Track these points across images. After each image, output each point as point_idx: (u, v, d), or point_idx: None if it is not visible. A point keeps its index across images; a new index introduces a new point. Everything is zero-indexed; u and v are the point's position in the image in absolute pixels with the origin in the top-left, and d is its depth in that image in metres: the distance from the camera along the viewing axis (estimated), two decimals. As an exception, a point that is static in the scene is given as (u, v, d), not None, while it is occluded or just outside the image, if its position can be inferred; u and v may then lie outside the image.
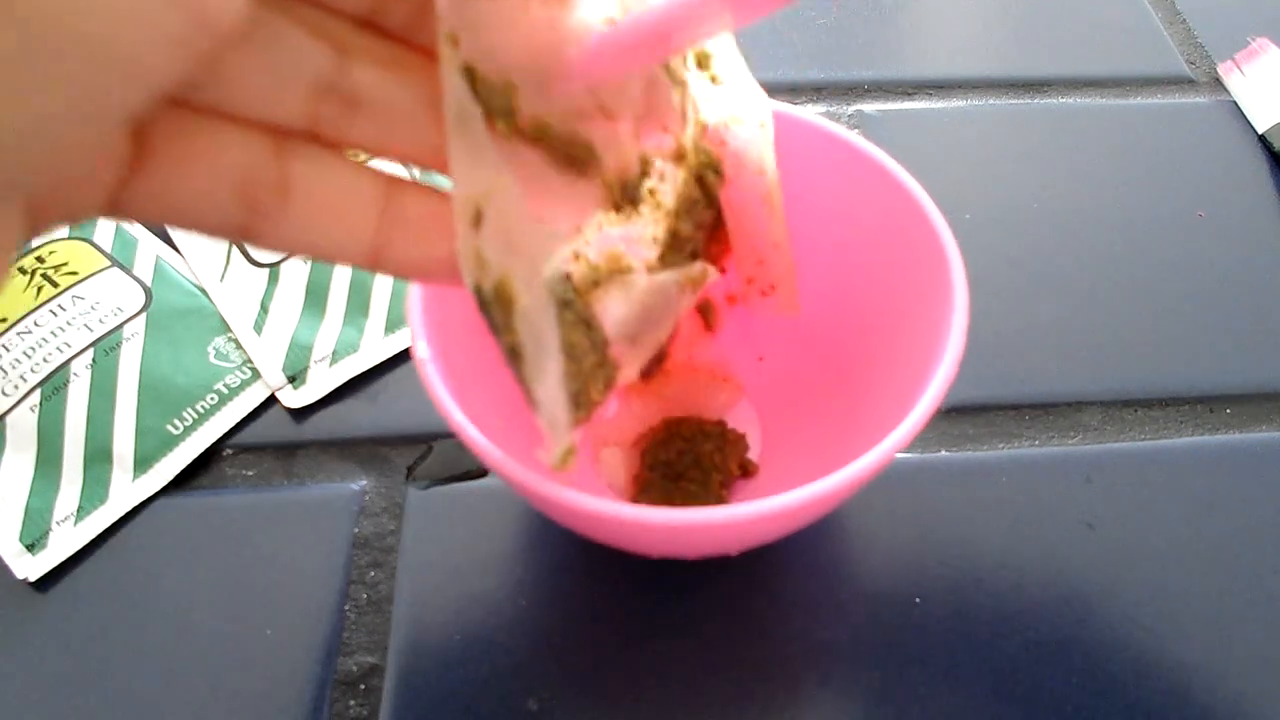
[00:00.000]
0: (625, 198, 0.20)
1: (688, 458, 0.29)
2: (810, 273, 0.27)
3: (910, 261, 0.26)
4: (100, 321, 0.33)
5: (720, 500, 0.29)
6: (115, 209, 0.15)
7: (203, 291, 0.35)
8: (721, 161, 0.23)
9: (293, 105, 0.16)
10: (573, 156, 0.19)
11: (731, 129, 0.23)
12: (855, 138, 0.27)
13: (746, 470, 0.29)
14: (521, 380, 0.19)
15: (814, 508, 0.22)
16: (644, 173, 0.21)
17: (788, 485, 0.20)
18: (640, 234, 0.21)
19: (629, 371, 0.21)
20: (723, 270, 0.24)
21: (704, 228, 0.23)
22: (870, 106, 0.43)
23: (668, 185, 0.21)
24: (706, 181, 0.22)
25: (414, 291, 0.23)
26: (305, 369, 0.33)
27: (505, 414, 0.25)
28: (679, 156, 0.21)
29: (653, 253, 0.21)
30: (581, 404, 0.20)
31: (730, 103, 0.23)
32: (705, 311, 0.29)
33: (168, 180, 0.15)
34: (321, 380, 0.33)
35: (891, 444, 0.21)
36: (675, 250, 0.22)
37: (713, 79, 0.22)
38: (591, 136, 0.19)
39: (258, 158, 0.16)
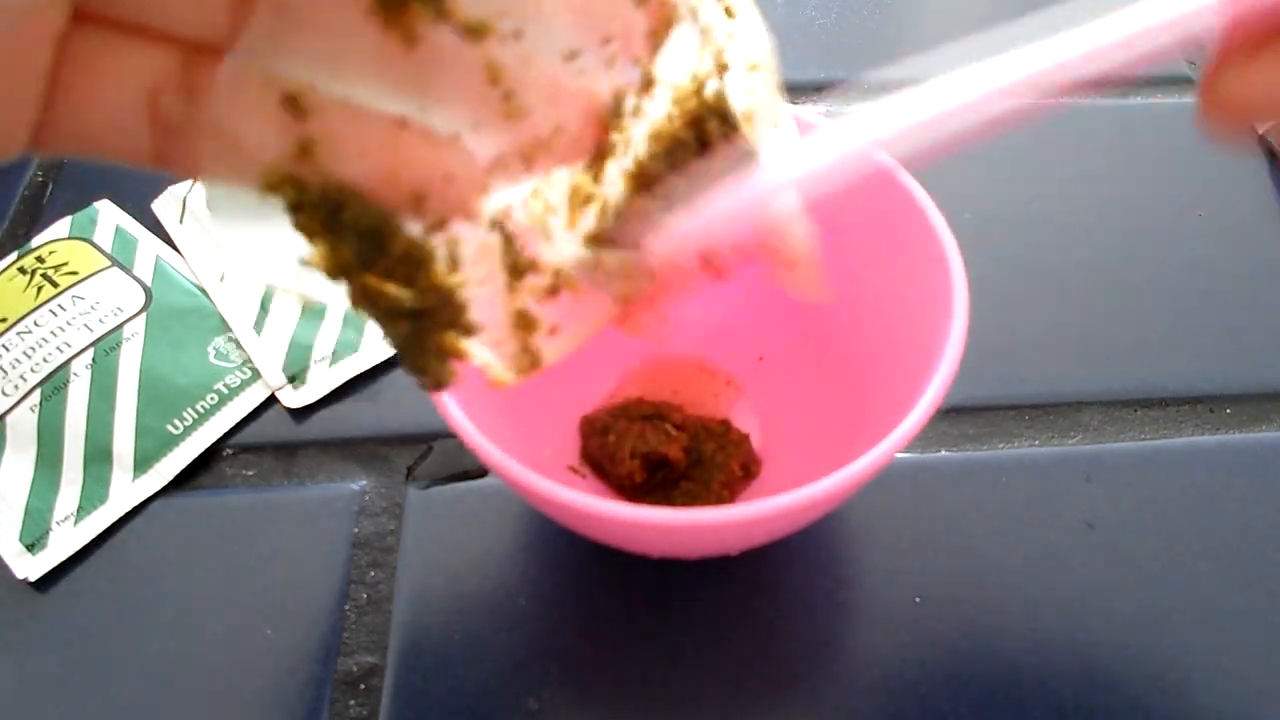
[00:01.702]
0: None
1: (690, 457, 0.29)
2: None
3: (910, 261, 0.26)
4: (100, 321, 0.33)
5: (721, 500, 0.29)
6: (35, 141, 0.14)
7: (203, 291, 0.35)
8: (732, 111, 0.20)
9: (215, 14, 0.15)
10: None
11: (746, 78, 0.20)
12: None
13: (749, 470, 0.29)
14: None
15: (814, 508, 0.22)
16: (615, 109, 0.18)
17: (788, 485, 0.20)
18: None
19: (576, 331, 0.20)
20: None
21: (688, 175, 0.20)
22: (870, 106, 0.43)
23: (637, 120, 0.19)
24: (706, 128, 0.20)
25: None
26: (305, 369, 0.33)
27: (505, 414, 0.25)
28: (647, 86, 0.19)
29: (616, 189, 0.19)
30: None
31: (745, 44, 0.20)
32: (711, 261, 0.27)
33: (78, 103, 0.15)
34: (321, 380, 0.33)
35: (891, 444, 0.21)
36: (644, 191, 0.19)
37: (727, 10, 0.20)
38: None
39: (165, 72, 0.15)
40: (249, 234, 0.17)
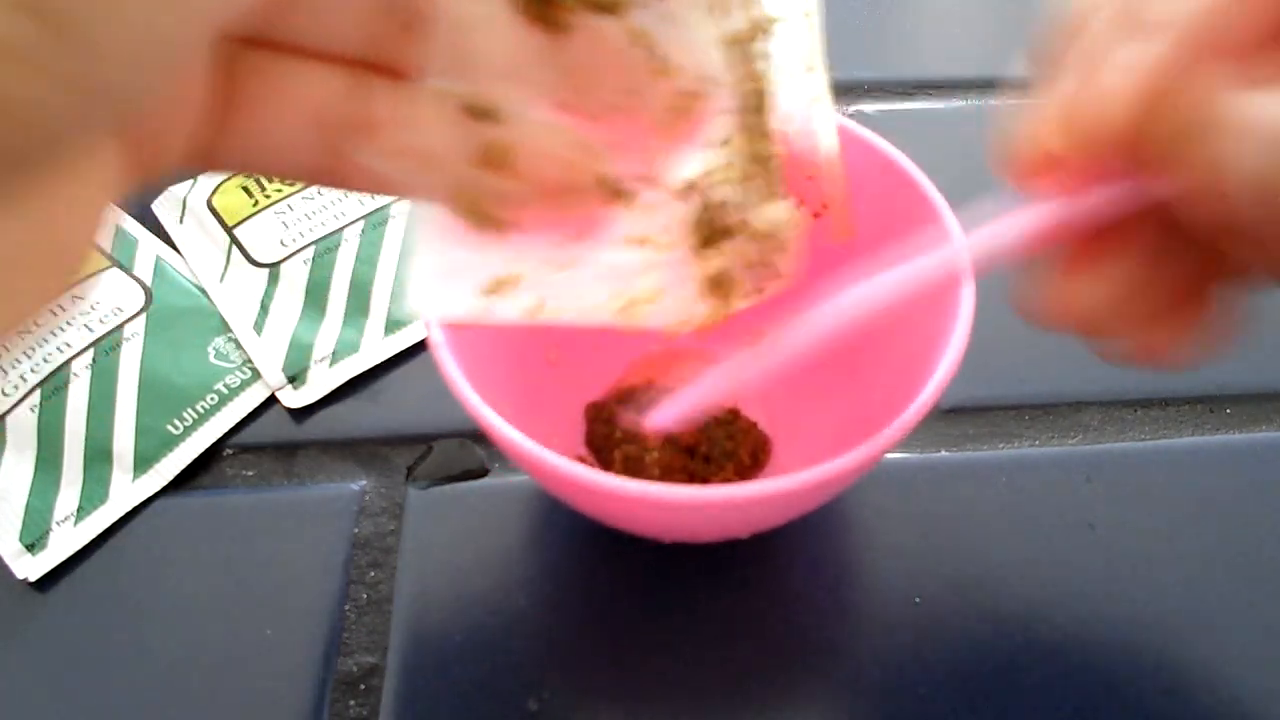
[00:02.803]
0: None
1: (702, 443, 0.29)
2: (816, 265, 0.27)
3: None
4: (100, 321, 0.33)
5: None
6: (207, 159, 0.15)
7: (203, 291, 0.35)
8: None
9: (356, 29, 0.16)
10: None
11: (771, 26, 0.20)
12: (863, 130, 0.27)
13: (757, 459, 0.30)
14: None
15: (829, 485, 0.22)
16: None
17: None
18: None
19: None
20: None
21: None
22: (870, 106, 0.43)
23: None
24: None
25: None
26: (305, 369, 0.33)
27: (515, 403, 0.25)
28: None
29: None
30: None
31: None
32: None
33: (253, 124, 0.15)
34: (321, 380, 0.33)
35: (905, 420, 0.21)
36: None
37: None
38: None
39: (334, 93, 0.16)
40: (432, 261, 0.17)
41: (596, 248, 0.19)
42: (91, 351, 0.33)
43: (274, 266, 0.35)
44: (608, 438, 0.29)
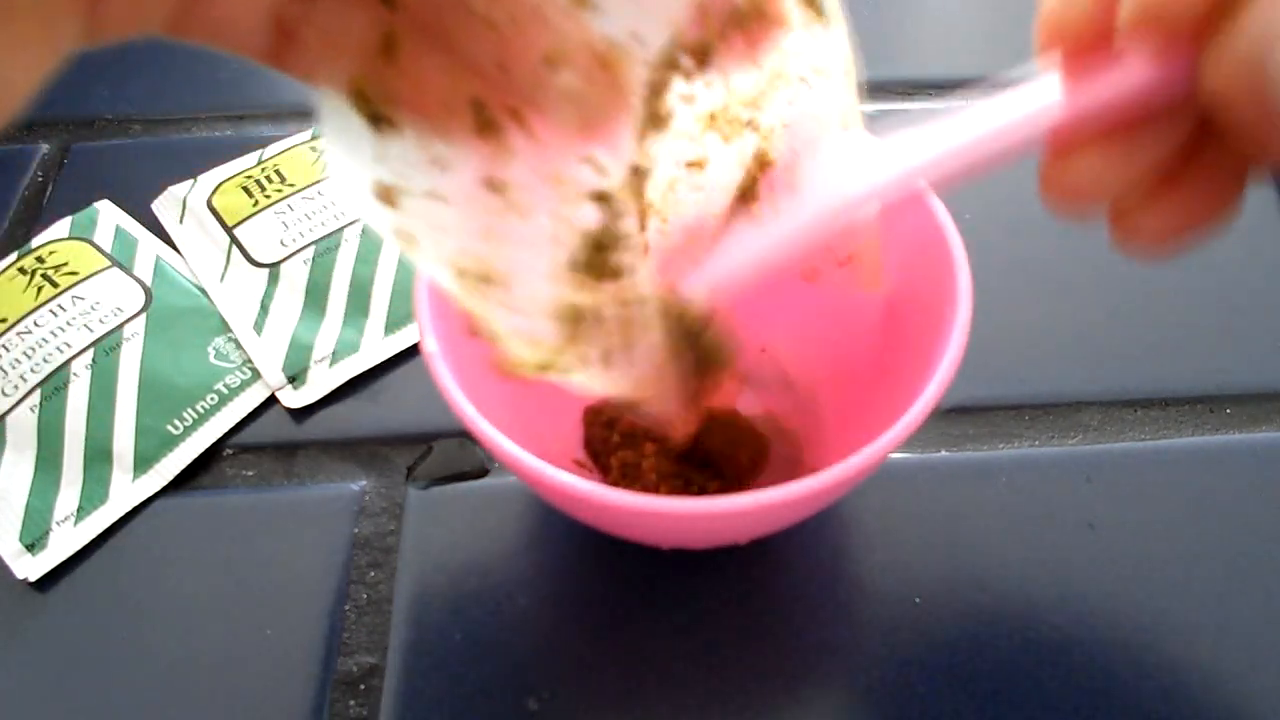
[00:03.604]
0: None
1: (699, 447, 0.29)
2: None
3: (916, 259, 0.26)
4: (100, 321, 0.33)
5: (730, 489, 0.29)
6: (173, 26, 0.16)
7: (203, 291, 0.35)
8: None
9: None
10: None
11: (813, 83, 0.19)
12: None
13: (756, 462, 0.30)
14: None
15: (823, 495, 0.22)
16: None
17: (790, 478, 0.21)
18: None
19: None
20: None
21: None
22: (870, 106, 0.43)
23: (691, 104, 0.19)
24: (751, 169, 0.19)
25: (421, 286, 0.24)
26: (305, 369, 0.33)
27: (512, 407, 0.25)
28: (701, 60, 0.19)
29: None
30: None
31: (814, 47, 0.19)
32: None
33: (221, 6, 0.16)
34: (321, 380, 0.33)
35: (899, 430, 0.21)
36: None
37: (815, 9, 0.19)
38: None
39: None
40: (342, 157, 0.18)
41: (458, 173, 0.18)
42: (91, 351, 0.33)
43: (274, 266, 0.35)
44: (605, 442, 0.29)
